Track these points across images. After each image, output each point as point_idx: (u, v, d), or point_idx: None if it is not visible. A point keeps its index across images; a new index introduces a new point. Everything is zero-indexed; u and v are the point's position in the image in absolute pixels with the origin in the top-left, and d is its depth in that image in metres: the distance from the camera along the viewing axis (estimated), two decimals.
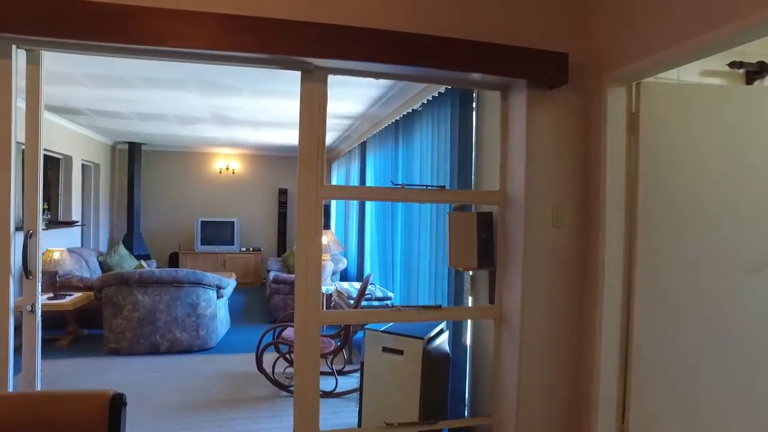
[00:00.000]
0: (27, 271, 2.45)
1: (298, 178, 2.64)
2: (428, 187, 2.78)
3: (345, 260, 7.49)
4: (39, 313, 2.49)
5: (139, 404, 3.91)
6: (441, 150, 3.78)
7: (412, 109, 4.56)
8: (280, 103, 5.64)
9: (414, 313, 2.78)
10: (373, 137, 6.22)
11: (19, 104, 2.42)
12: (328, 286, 6.21)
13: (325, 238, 6.20)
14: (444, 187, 2.78)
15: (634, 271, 2.54)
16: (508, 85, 2.78)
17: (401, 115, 4.90)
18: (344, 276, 7.62)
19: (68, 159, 7.69)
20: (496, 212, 2.94)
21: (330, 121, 6.83)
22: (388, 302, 5.12)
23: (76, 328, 5.79)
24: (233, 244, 9.60)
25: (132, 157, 9.27)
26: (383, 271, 5.65)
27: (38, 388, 2.48)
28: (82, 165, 8.30)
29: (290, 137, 8.05)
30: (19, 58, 2.44)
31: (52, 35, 2.20)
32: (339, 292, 5.51)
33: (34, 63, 2.46)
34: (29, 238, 2.44)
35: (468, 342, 3.43)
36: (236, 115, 6.41)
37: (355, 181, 7.46)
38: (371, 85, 4.77)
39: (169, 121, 6.93)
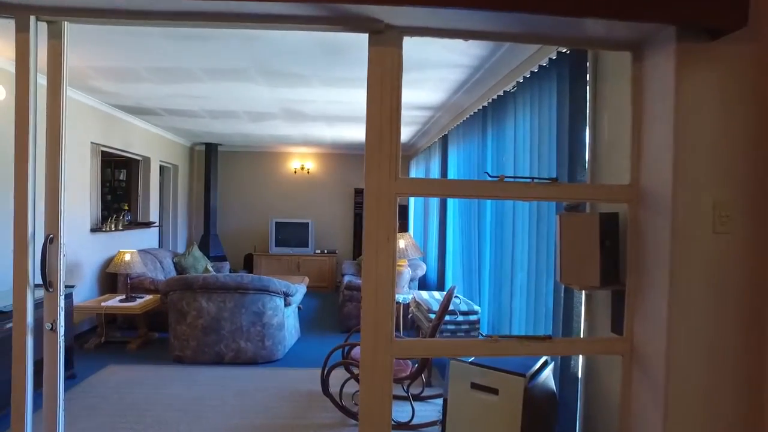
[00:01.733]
0: (47, 282, 2.06)
1: (365, 170, 2.08)
2: (534, 180, 2.10)
3: (424, 266, 6.87)
4: (62, 333, 2.10)
5: (194, 425, 3.54)
6: (543, 137, 3.07)
7: (504, 92, 3.88)
8: (353, 93, 5.14)
9: (516, 345, 2.12)
10: (456, 129, 5.57)
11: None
12: (405, 294, 5.63)
13: (403, 242, 5.63)
14: (556, 179, 2.10)
15: None
16: (644, 39, 2.05)
17: (489, 100, 4.22)
18: (423, 283, 7.01)
19: (146, 160, 7.70)
20: (623, 213, 2.21)
21: (406, 114, 6.25)
22: (474, 317, 4.44)
23: (146, 332, 5.63)
24: (308, 246, 9.29)
25: (208, 158, 9.23)
26: (467, 280, 4.98)
27: (60, 423, 2.09)
28: (161, 166, 8.31)
29: (363, 134, 7.58)
30: (39, 32, 2.06)
31: None
32: (417, 303, 4.91)
33: (55, 37, 2.08)
34: (49, 244, 2.05)
35: (579, 374, 2.70)
36: (307, 110, 6.00)
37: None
38: (454, 66, 4.14)
39: (240, 118, 6.67)
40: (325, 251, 9.45)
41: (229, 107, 6.00)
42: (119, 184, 9.17)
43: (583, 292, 2.51)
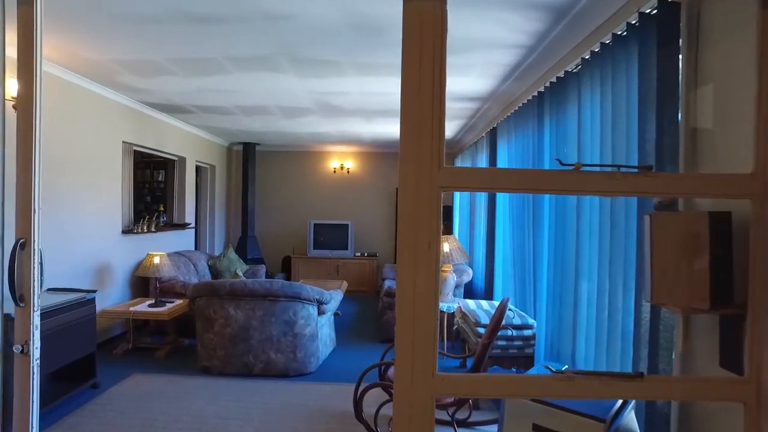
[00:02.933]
0: (17, 296, 1.71)
1: (400, 158, 1.62)
2: (621, 169, 1.60)
3: (470, 271, 6.35)
4: (36, 356, 1.75)
5: None
6: (617, 121, 2.54)
7: (564, 72, 3.35)
8: (392, 83, 4.70)
9: (596, 385, 1.61)
10: (506, 121, 5.04)
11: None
12: (450, 303, 5.15)
13: (447, 245, 5.14)
14: (650, 168, 1.58)
15: None
16: None
17: (547, 84, 3.69)
18: (468, 290, 6.48)
19: (182, 160, 7.51)
20: (739, 213, 1.68)
21: (449, 106, 5.74)
22: (528, 332, 3.91)
23: (176, 338, 5.37)
24: (347, 249, 8.92)
25: (246, 158, 9.01)
26: (520, 288, 4.44)
27: None
28: (197, 166, 8.13)
29: None
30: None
31: None
32: (464, 314, 4.42)
33: (26, 3, 1.73)
34: (20, 249, 1.71)
35: (672, 414, 2.14)
36: (342, 103, 5.61)
37: None
38: (505, 47, 3.64)
39: (274, 114, 6.35)
40: (366, 254, 9.06)
41: (260, 102, 5.68)
42: (158, 185, 9.07)
43: (680, 314, 1.96)
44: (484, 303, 4.75)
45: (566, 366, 2.76)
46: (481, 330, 3.91)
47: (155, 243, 6.46)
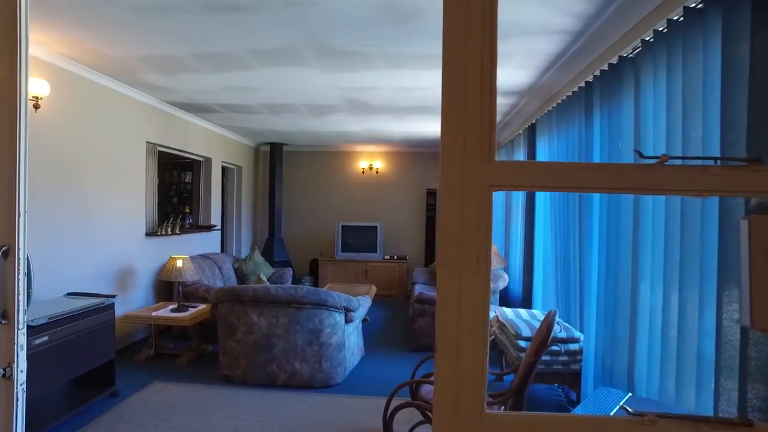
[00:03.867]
0: None
1: (441, 149, 1.32)
2: (718, 162, 1.27)
3: (506, 276, 5.99)
4: (21, 380, 1.52)
5: None
6: (690, 109, 2.19)
7: (619, 58, 2.99)
8: (425, 77, 4.40)
9: None
10: (546, 116, 4.68)
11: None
12: None
13: None
14: (759, 160, 1.25)
15: None
16: None
17: (596, 73, 3.34)
18: (504, 298, 6.12)
19: (208, 161, 7.37)
20: None
21: None
22: (574, 346, 3.56)
23: (199, 344, 5.19)
24: (376, 251, 8.64)
25: (273, 159, 8.83)
26: (564, 297, 4.08)
27: None
28: (223, 167, 7.98)
29: (439, 128, 6.80)
30: None
31: None
32: (501, 324, 4.09)
33: None
34: (3, 258, 1.48)
35: None
36: (372, 99, 5.33)
37: None
38: (550, 33, 3.31)
39: (301, 113, 6.13)
40: (395, 257, 8.77)
41: (285, 99, 5.46)
42: (185, 187, 8.99)
43: None
44: (523, 312, 4.40)
45: (629, 394, 2.42)
46: (522, 343, 3.58)
47: (180, 245, 6.32)
